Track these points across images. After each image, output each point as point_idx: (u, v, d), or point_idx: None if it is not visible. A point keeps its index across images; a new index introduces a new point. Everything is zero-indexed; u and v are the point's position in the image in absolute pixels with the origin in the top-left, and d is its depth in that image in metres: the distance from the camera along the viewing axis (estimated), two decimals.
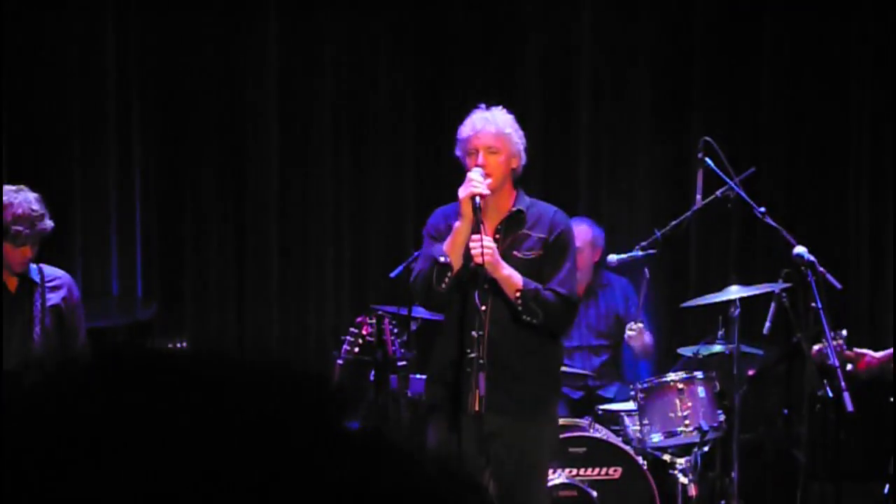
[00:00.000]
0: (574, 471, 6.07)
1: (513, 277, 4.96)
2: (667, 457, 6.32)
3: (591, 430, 6.22)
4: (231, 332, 7.67)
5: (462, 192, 4.93)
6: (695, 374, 6.24)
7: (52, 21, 7.50)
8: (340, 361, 6.01)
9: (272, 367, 0.98)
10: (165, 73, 7.76)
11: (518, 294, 4.95)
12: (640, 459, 6.13)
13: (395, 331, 6.04)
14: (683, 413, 6.15)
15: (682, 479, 6.22)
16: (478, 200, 4.88)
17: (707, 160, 6.30)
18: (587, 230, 6.85)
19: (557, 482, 5.95)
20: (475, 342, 4.87)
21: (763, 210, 6.21)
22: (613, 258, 6.61)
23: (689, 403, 6.17)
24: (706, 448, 6.26)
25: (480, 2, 7.99)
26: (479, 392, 4.82)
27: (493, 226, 5.07)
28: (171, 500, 0.88)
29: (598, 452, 6.11)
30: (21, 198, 5.33)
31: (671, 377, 6.25)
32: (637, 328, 6.47)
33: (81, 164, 7.58)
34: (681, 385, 6.20)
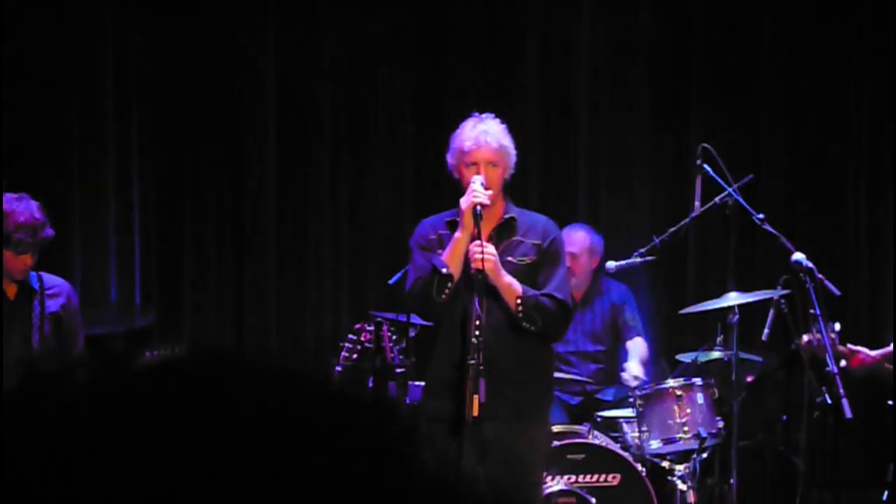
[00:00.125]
0: (573, 477, 6.06)
1: (513, 285, 5.00)
2: (665, 463, 6.32)
3: (590, 437, 6.21)
4: (229, 340, 7.67)
5: (465, 202, 4.97)
6: (693, 381, 6.23)
7: (52, 21, 7.48)
8: (339, 368, 6.02)
9: (272, 368, 0.98)
10: (165, 73, 7.74)
11: (518, 301, 4.99)
12: (639, 466, 6.12)
13: (394, 337, 6.04)
14: (682, 420, 6.15)
15: (681, 486, 6.21)
16: (479, 209, 4.94)
17: (706, 167, 6.29)
18: (585, 237, 6.83)
19: (556, 489, 5.95)
20: (474, 348, 4.87)
21: (762, 216, 6.20)
22: (612, 265, 6.58)
23: (688, 410, 6.16)
24: (705, 455, 6.25)
25: (480, 2, 7.97)
26: (480, 399, 4.83)
27: (487, 232, 5.09)
28: (172, 501, 0.88)
29: (597, 459, 6.09)
30: (23, 206, 5.35)
31: (670, 384, 6.25)
32: (629, 375, 6.44)
33: (81, 165, 7.57)
34: (679, 392, 6.19)
